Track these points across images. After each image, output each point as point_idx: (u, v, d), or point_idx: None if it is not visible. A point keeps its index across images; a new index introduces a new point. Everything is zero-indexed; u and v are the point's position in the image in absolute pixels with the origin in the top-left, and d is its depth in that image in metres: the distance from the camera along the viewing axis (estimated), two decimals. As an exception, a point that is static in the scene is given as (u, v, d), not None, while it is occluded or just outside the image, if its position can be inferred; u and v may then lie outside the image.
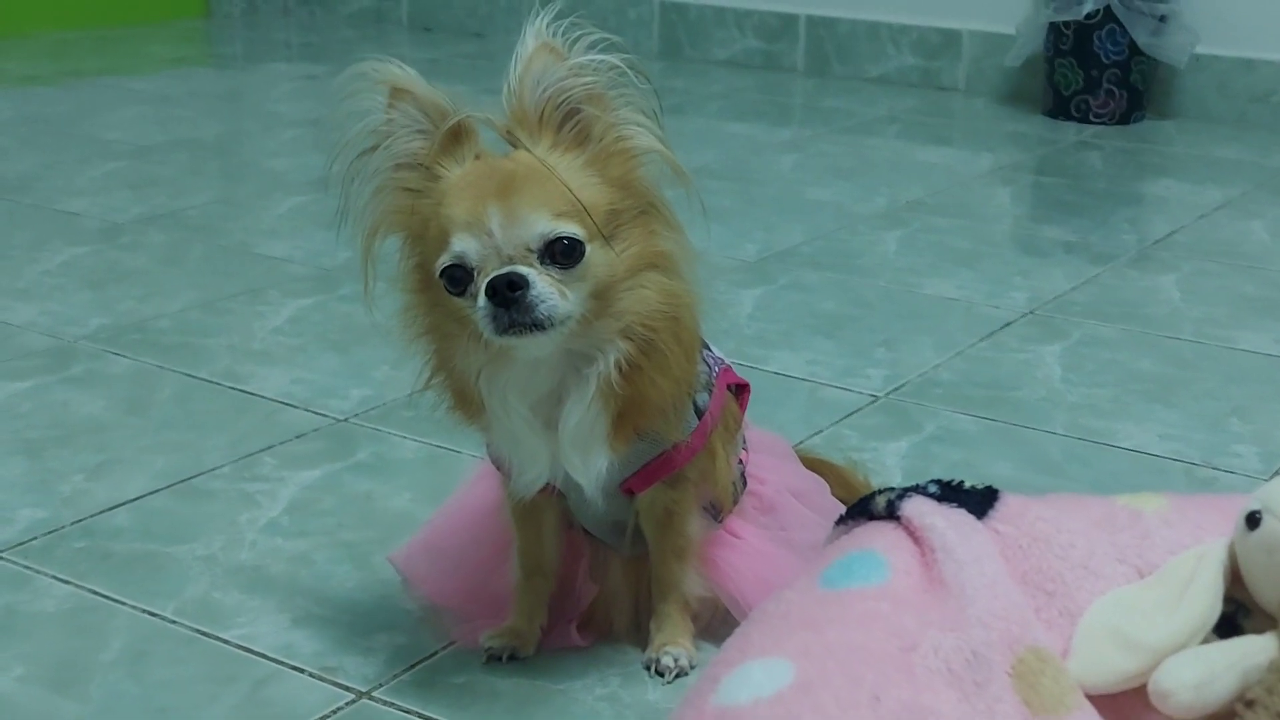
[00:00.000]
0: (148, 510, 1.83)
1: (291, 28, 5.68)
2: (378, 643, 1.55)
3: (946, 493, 0.92)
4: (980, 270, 2.84)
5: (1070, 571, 0.91)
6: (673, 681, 1.47)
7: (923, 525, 0.89)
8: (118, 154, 3.61)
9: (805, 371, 2.31)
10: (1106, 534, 0.95)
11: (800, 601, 0.87)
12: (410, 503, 1.86)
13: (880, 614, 0.84)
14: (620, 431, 1.37)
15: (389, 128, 1.34)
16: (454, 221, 1.29)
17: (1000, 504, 0.93)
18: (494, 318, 1.27)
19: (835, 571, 0.88)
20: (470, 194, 1.30)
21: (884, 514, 0.91)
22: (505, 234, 1.28)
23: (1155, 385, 2.27)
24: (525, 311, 1.26)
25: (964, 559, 0.87)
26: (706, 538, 1.52)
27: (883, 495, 0.92)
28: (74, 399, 2.15)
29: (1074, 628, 0.89)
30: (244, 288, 2.65)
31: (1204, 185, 3.58)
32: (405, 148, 1.34)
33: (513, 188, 1.29)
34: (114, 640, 1.55)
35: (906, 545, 0.89)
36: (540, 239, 1.28)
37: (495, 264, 1.28)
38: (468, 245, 1.28)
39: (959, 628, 0.83)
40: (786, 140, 4.01)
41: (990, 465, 1.98)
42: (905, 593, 0.86)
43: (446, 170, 1.33)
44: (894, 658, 0.82)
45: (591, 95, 1.32)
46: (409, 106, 1.33)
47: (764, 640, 0.85)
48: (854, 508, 0.94)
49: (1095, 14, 4.05)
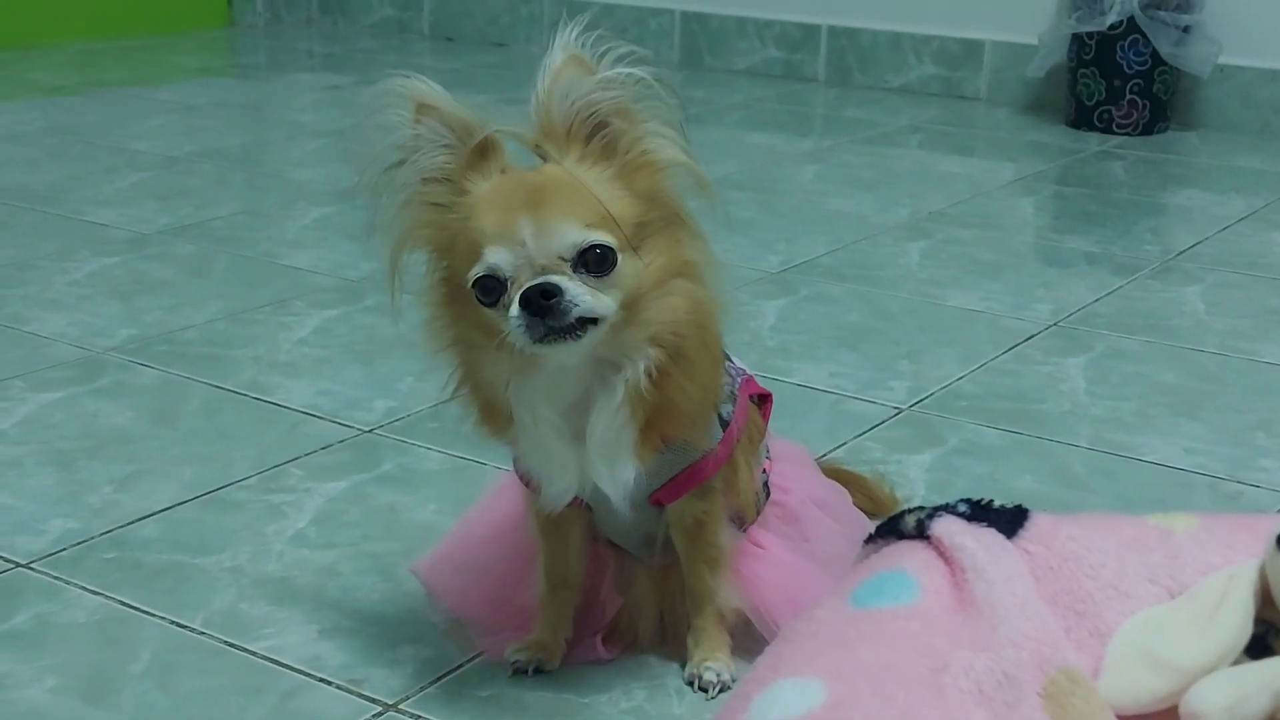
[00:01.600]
0: (176, 521, 1.84)
1: (314, 38, 5.70)
2: (404, 655, 1.56)
3: (976, 512, 0.93)
4: (1003, 282, 2.84)
5: (1101, 591, 0.92)
6: (716, 696, 1.48)
7: (953, 545, 0.89)
8: (144, 164, 3.63)
9: (828, 384, 2.31)
10: (1137, 554, 0.95)
11: (830, 620, 0.87)
12: (435, 514, 1.87)
13: (911, 634, 0.84)
14: (648, 440, 1.38)
15: (415, 143, 1.34)
16: (486, 234, 1.30)
17: (1030, 523, 0.93)
18: (529, 328, 1.28)
19: (865, 591, 0.89)
20: (501, 206, 1.31)
21: (914, 533, 0.92)
22: (538, 244, 1.29)
23: (1180, 398, 2.27)
24: (560, 317, 1.27)
25: (994, 579, 0.88)
26: (735, 548, 1.52)
27: (912, 514, 0.93)
28: (103, 410, 2.17)
29: (1104, 648, 0.90)
30: (270, 299, 2.66)
31: (1227, 196, 3.57)
32: (431, 162, 1.35)
33: (544, 199, 1.30)
34: (143, 651, 1.56)
35: (937, 565, 0.89)
36: (573, 248, 1.29)
37: (529, 274, 1.29)
38: (501, 257, 1.29)
39: (990, 648, 0.84)
40: (808, 151, 4.01)
41: (1014, 479, 1.99)
42: (936, 613, 0.86)
43: (473, 184, 1.35)
44: (925, 678, 0.82)
45: (619, 109, 1.34)
46: (434, 122, 1.34)
47: (795, 659, 0.86)
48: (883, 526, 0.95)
49: (1119, 24, 4.05)
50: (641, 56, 1.34)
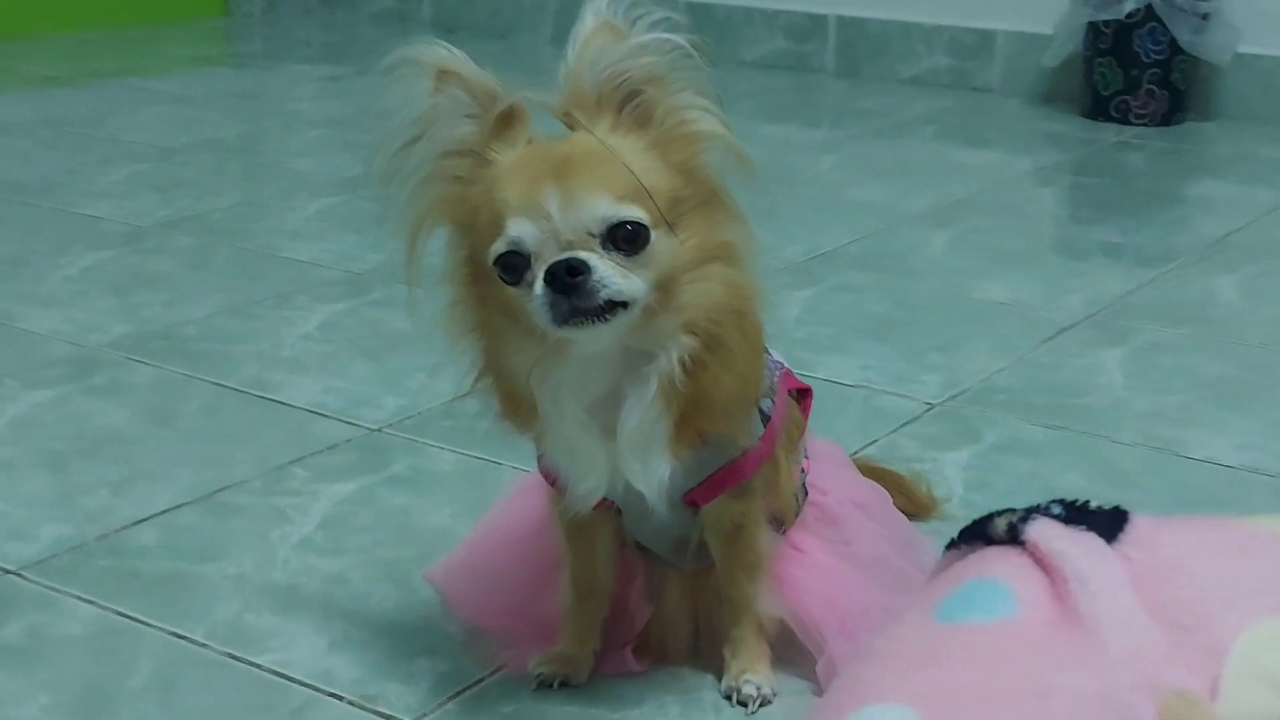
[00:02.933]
0: (175, 526, 1.74)
1: (312, 27, 5.60)
2: (420, 668, 1.46)
3: (1072, 514, 0.83)
4: (1032, 272, 2.74)
5: (1210, 603, 0.82)
6: (756, 712, 1.38)
7: (1051, 551, 0.80)
8: (140, 156, 3.53)
9: (858, 378, 2.21)
10: (1247, 561, 0.85)
11: (915, 637, 0.78)
12: (450, 518, 1.77)
13: (1009, 652, 0.75)
14: (683, 435, 1.28)
15: (435, 113, 1.24)
16: (509, 205, 1.20)
17: (1131, 527, 0.83)
18: (553, 306, 1.18)
19: (953, 603, 0.79)
20: (526, 177, 1.21)
21: (1005, 538, 0.82)
22: (564, 217, 1.19)
23: (1226, 392, 2.17)
24: (587, 297, 1.17)
25: (1098, 590, 0.78)
26: (775, 553, 1.42)
27: (1002, 517, 0.83)
28: (98, 409, 2.07)
29: (1218, 666, 0.80)
30: (272, 293, 2.56)
31: (1253, 186, 3.47)
32: (453, 133, 1.25)
33: (572, 169, 1.20)
34: (142, 665, 1.46)
35: (1033, 574, 0.79)
36: (602, 223, 1.19)
37: (554, 250, 1.19)
38: (524, 230, 1.19)
39: (1098, 669, 0.74)
40: (822, 141, 3.92)
41: (1059, 477, 1.89)
42: (1035, 628, 0.77)
43: (498, 155, 1.25)
44: (1027, 703, 0.72)
45: (653, 76, 1.24)
46: (456, 90, 1.24)
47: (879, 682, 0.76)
48: (968, 530, 0.85)
49: (1136, 12, 3.95)
50: (677, 23, 1.24)
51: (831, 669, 1.40)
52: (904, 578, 1.52)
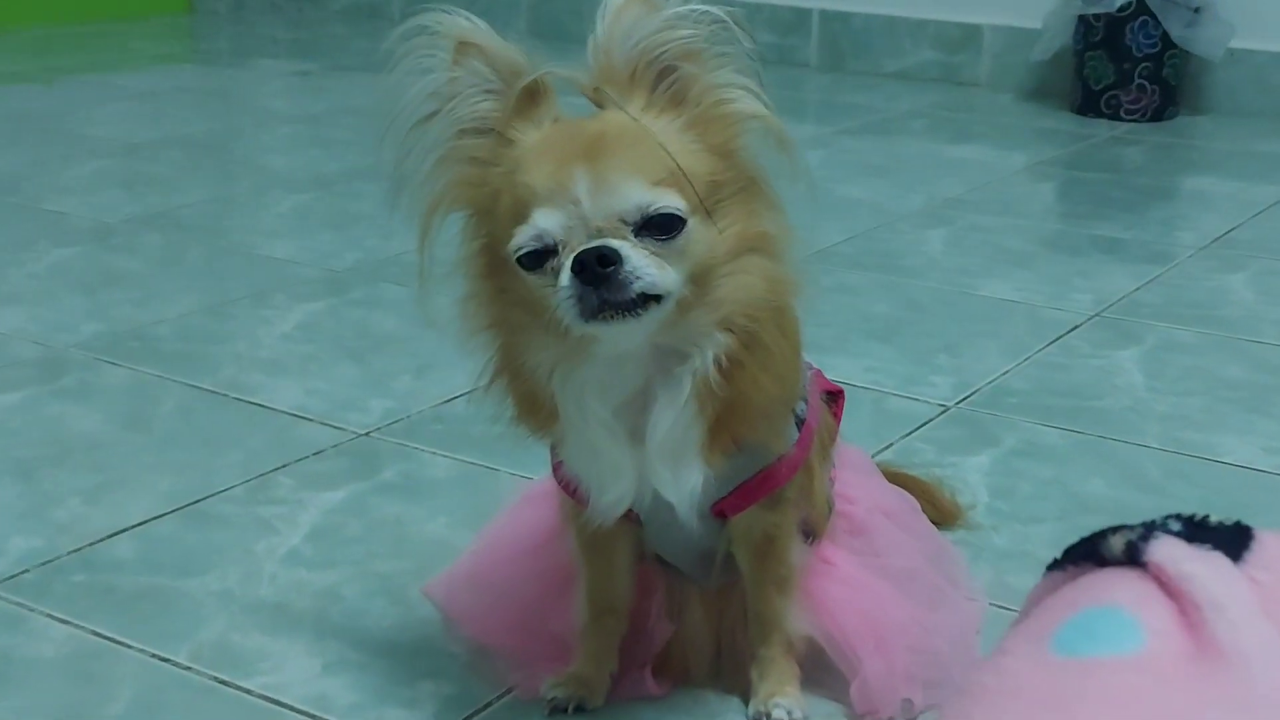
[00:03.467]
0: (153, 537, 1.63)
1: (279, 24, 5.48)
2: (423, 692, 1.36)
3: (1194, 531, 0.74)
4: (1036, 270, 2.66)
5: (1354, 632, 0.73)
6: (785, 737, 1.28)
7: (1179, 574, 0.70)
8: (106, 151, 3.41)
9: (866, 379, 2.12)
10: (1393, 583, 0.76)
11: (1032, 673, 0.68)
12: (446, 528, 1.67)
13: (1144, 691, 0.65)
14: (717, 441, 1.18)
15: (454, 87, 1.14)
16: (533, 190, 1.10)
17: (1256, 545, 0.74)
18: (581, 299, 1.07)
19: (1071, 633, 0.69)
20: (553, 158, 1.10)
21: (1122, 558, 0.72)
22: (595, 203, 1.08)
23: (1248, 393, 2.09)
24: (618, 290, 1.07)
25: (1238, 620, 0.69)
26: (807, 567, 1.32)
27: (1118, 535, 0.73)
28: (68, 413, 1.95)
29: (1367, 704, 0.71)
30: (248, 291, 2.45)
31: (1252, 182, 3.40)
32: (472, 110, 1.14)
33: (603, 150, 1.09)
34: (122, 690, 1.35)
35: (1159, 600, 0.70)
36: (637, 210, 1.09)
37: (582, 238, 1.08)
38: (550, 218, 1.09)
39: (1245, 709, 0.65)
40: (809, 136, 3.82)
41: (1083, 483, 1.80)
42: (1168, 663, 0.67)
43: (520, 135, 1.14)
44: (1171, 751, 0.63)
45: (689, 51, 1.14)
46: (477, 63, 1.14)
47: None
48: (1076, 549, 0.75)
49: (1128, 6, 3.87)
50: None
51: (867, 691, 1.31)
52: (937, 591, 1.43)
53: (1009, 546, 1.64)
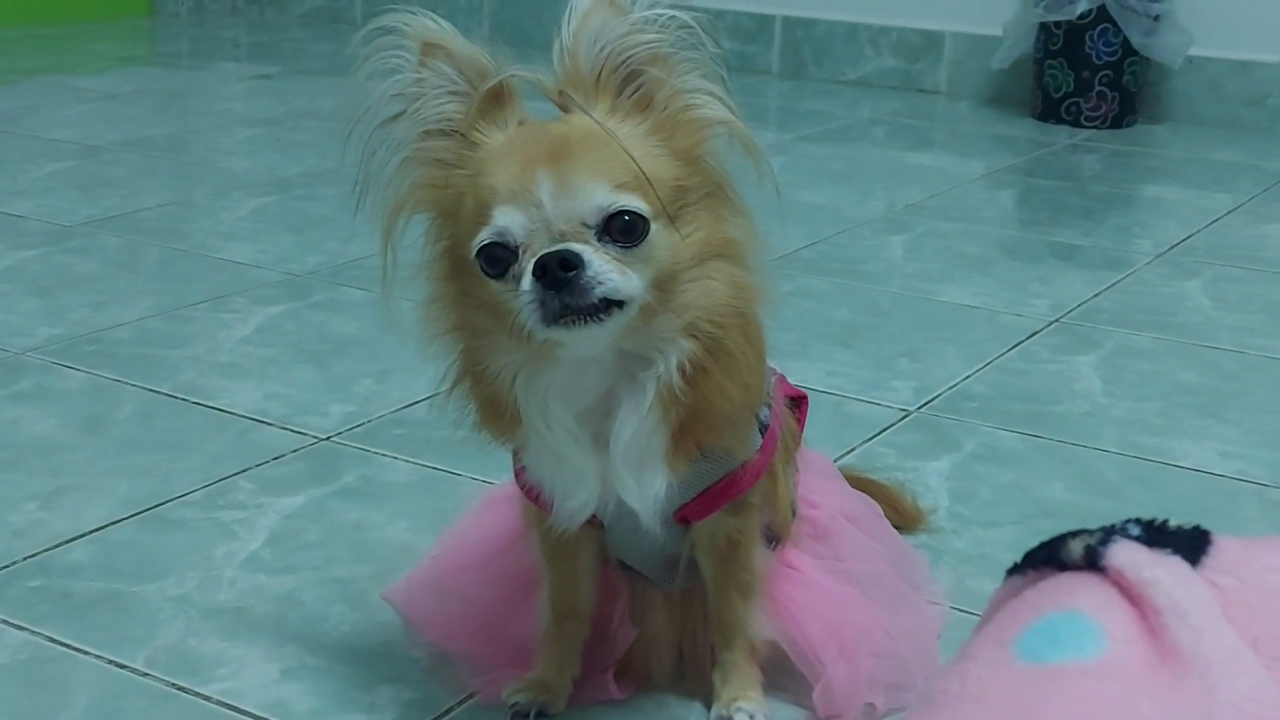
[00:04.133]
0: (110, 543, 1.62)
1: (240, 27, 5.45)
2: (382, 698, 1.35)
3: (1153, 535, 0.74)
4: (994, 276, 2.67)
5: (1316, 634, 0.73)
6: (748, 742, 1.28)
7: (1140, 580, 0.70)
8: (64, 154, 3.38)
9: (828, 384, 2.12)
10: (1351, 586, 0.77)
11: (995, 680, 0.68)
12: (407, 533, 1.66)
13: (1108, 697, 0.65)
14: (681, 447, 1.17)
15: (419, 89, 1.13)
16: (496, 192, 1.09)
17: (1215, 549, 0.74)
18: (542, 303, 1.07)
19: (1034, 639, 0.69)
20: (516, 160, 1.10)
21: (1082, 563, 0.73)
22: (557, 206, 1.08)
23: (1204, 399, 2.10)
24: (580, 295, 1.07)
25: (1200, 625, 0.69)
26: (770, 572, 1.32)
27: (1077, 539, 0.74)
28: (23, 417, 1.93)
29: (1326, 708, 0.71)
30: (207, 295, 2.43)
31: (1208, 189, 3.43)
32: (437, 111, 1.14)
33: (567, 153, 1.09)
34: (77, 697, 1.34)
35: (1120, 606, 0.70)
36: (598, 212, 1.08)
37: (544, 241, 1.08)
38: (512, 219, 1.08)
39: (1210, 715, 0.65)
40: (770, 143, 3.82)
41: (1043, 487, 1.81)
42: (1131, 668, 0.67)
43: (485, 137, 1.14)
44: (1134, 755, 0.63)
45: (656, 56, 1.14)
46: (442, 64, 1.13)
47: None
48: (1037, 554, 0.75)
49: (1088, 13, 3.90)
50: (681, 0, 1.14)
51: (830, 695, 1.31)
52: (899, 595, 1.43)
53: (969, 550, 1.65)
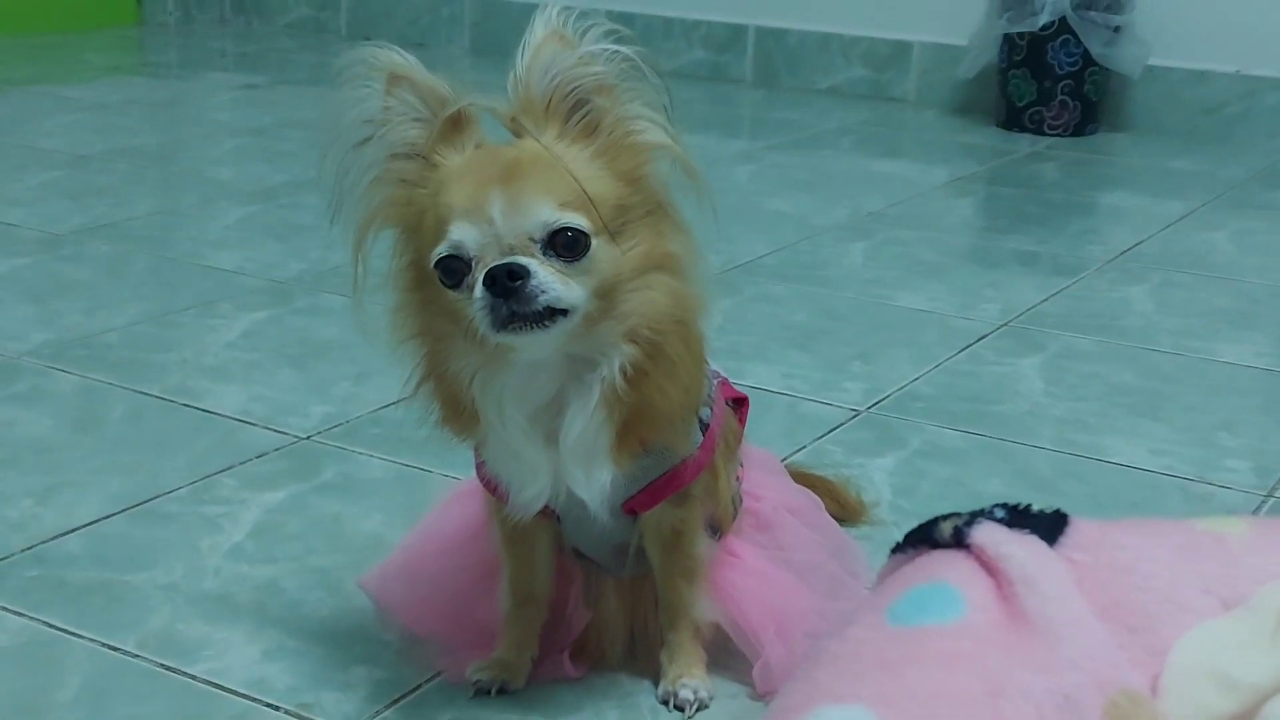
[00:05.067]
0: (102, 536, 1.73)
1: (227, 37, 5.55)
2: (356, 676, 1.46)
3: (1015, 517, 0.85)
4: (949, 282, 2.78)
5: (1154, 605, 0.84)
6: (693, 716, 1.39)
7: (998, 555, 0.82)
8: (54, 163, 3.49)
9: (782, 385, 2.23)
10: (1190, 563, 0.88)
11: (869, 640, 0.79)
12: (381, 525, 1.77)
13: (962, 654, 0.76)
14: (625, 444, 1.29)
15: (385, 115, 1.25)
16: (452, 209, 1.21)
17: (1072, 529, 0.85)
18: (492, 310, 1.19)
19: (905, 606, 0.81)
20: (471, 180, 1.22)
21: (950, 542, 0.84)
22: (507, 222, 1.20)
23: (1139, 399, 2.22)
24: (526, 303, 1.18)
25: (1048, 592, 0.80)
26: (713, 559, 1.44)
27: (948, 521, 0.85)
28: (19, 418, 2.04)
29: (1160, 666, 0.82)
30: (194, 301, 2.54)
31: (1162, 197, 3.55)
32: (402, 136, 1.26)
33: (516, 174, 1.21)
34: (72, 677, 1.44)
35: (980, 577, 0.81)
36: (543, 228, 1.20)
37: (495, 254, 1.20)
38: (466, 234, 1.20)
39: (1049, 669, 0.76)
40: (740, 151, 3.94)
41: (981, 482, 1.92)
42: (986, 630, 0.78)
43: (445, 159, 1.26)
44: (981, 702, 0.74)
45: (602, 86, 1.25)
46: (407, 94, 1.26)
47: (835, 683, 0.77)
48: (914, 534, 0.87)
49: (1050, 25, 4.02)
50: (626, 35, 1.25)
51: (768, 673, 1.42)
52: (837, 582, 1.54)
53: (907, 541, 1.76)
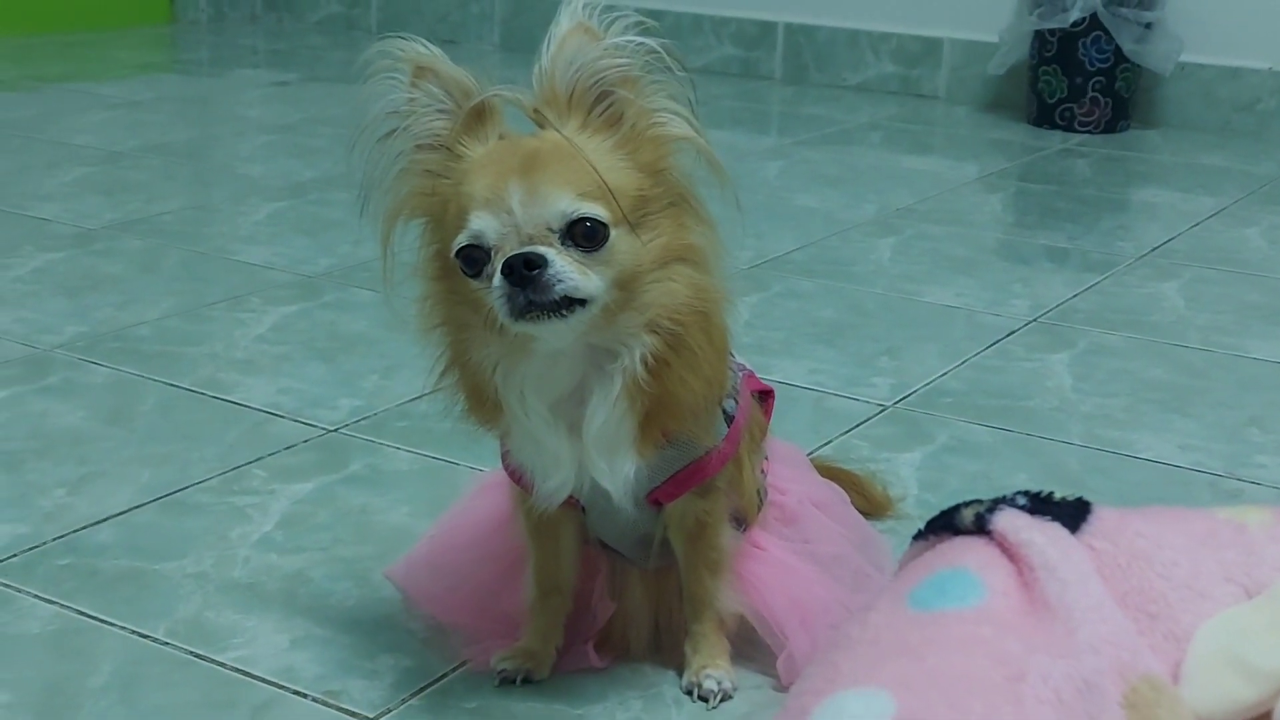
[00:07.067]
0: (134, 525, 1.74)
1: (258, 34, 5.58)
2: (383, 665, 1.47)
3: (1037, 505, 0.85)
4: (978, 278, 2.78)
5: (1174, 592, 0.84)
6: (716, 706, 1.40)
7: (1019, 541, 0.82)
8: (88, 159, 3.51)
9: (809, 380, 2.24)
10: (1210, 551, 0.88)
11: (889, 625, 0.79)
12: (408, 517, 1.78)
13: (982, 639, 0.77)
14: (648, 434, 1.29)
15: (411, 107, 1.26)
16: (473, 199, 1.22)
17: (1094, 517, 0.85)
18: (510, 299, 1.20)
19: (925, 591, 0.81)
20: (492, 171, 1.23)
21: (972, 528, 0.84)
22: (526, 212, 1.21)
23: (1169, 394, 2.21)
24: (543, 291, 1.19)
25: (1068, 578, 0.80)
26: (737, 551, 1.44)
27: (969, 508, 0.85)
28: (52, 409, 2.06)
29: (1180, 653, 0.82)
30: (224, 295, 2.56)
31: (1194, 193, 3.53)
32: (427, 128, 1.27)
33: (536, 165, 1.22)
34: (103, 663, 1.46)
35: (1001, 563, 0.81)
36: (562, 218, 1.21)
37: (514, 243, 1.21)
38: (486, 223, 1.21)
39: (1068, 654, 0.76)
40: (769, 148, 3.94)
41: (1008, 476, 1.92)
42: (1006, 615, 0.79)
43: (468, 150, 1.27)
44: (1001, 687, 0.74)
45: (626, 78, 1.26)
46: (432, 85, 1.26)
47: (855, 668, 0.78)
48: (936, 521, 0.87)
49: (1081, 21, 4.00)
50: (651, 27, 1.26)
51: (792, 664, 1.42)
52: (862, 575, 1.54)
53: (933, 535, 1.76)
